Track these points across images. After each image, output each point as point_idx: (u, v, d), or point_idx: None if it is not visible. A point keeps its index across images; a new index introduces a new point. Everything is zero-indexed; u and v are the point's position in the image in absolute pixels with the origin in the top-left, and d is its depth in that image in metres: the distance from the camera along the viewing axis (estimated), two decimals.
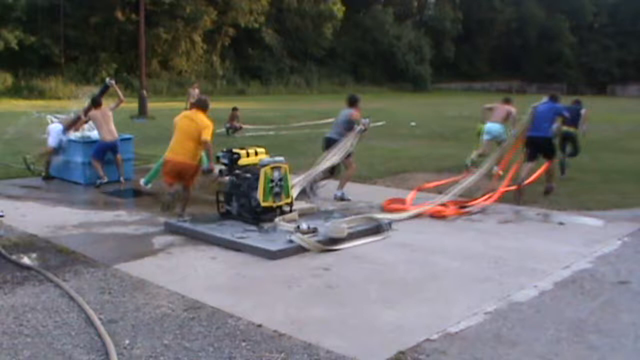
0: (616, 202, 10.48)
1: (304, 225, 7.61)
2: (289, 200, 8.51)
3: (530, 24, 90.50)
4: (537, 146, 10.99)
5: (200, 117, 8.68)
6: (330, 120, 27.49)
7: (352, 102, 11.65)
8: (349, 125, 11.06)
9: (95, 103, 12.04)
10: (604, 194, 11.30)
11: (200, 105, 9.00)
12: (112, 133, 11.80)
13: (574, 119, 13.24)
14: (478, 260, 7.01)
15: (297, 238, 7.30)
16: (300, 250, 7.21)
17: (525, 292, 5.99)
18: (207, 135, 8.49)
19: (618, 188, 11.98)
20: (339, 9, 66.86)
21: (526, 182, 10.73)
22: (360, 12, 75.26)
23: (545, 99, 11.79)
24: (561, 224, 8.89)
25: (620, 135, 23.60)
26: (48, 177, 12.03)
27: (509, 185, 10.70)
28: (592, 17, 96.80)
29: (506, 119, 13.57)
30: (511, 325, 5.17)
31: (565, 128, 13.29)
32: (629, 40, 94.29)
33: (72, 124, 12.15)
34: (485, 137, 13.68)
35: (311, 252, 7.20)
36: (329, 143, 10.96)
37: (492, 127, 13.57)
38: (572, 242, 7.81)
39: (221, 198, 8.68)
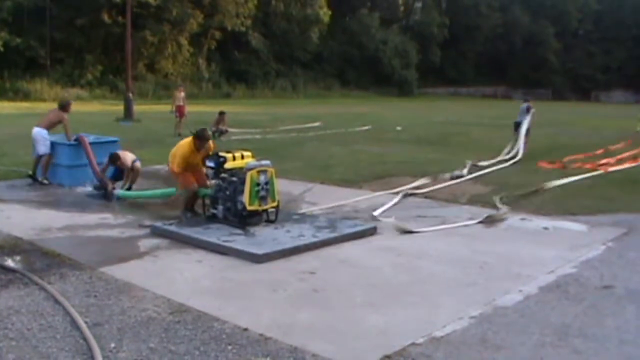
0: (600, 207, 10.55)
1: None
2: (275, 204, 8.51)
3: (516, 30, 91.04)
4: None
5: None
6: (316, 124, 27.78)
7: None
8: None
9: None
10: (588, 199, 11.37)
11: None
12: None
13: None
14: (463, 265, 7.03)
15: None
16: (286, 253, 7.21)
17: (511, 296, 6.02)
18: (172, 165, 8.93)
19: (603, 193, 12.05)
20: (325, 13, 66.97)
21: None
22: (346, 16, 75.46)
23: None
24: (546, 229, 8.94)
25: (604, 141, 23.74)
26: (36, 179, 11.95)
27: None
28: (577, 23, 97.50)
29: None
30: (496, 329, 5.19)
31: None
32: (613, 47, 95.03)
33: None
34: None
35: (296, 255, 7.21)
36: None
37: None
38: (557, 247, 7.85)
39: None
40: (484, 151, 18.23)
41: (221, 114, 21.64)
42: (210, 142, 9.16)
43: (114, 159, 10.83)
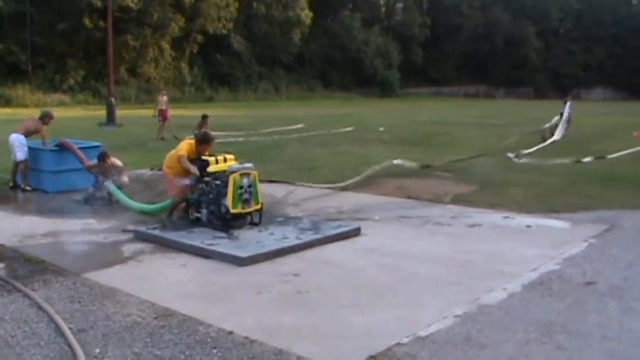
0: (583, 205, 10.61)
1: None
2: (258, 207, 8.50)
3: (497, 30, 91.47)
4: None
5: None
6: (299, 126, 27.77)
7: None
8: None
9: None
10: (571, 197, 11.43)
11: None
12: None
13: None
14: (447, 264, 7.05)
15: None
16: (270, 256, 7.21)
17: (495, 295, 6.04)
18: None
19: (584, 191, 12.12)
20: (307, 15, 66.99)
21: None
22: (328, 18, 75.57)
23: None
24: (529, 227, 8.99)
25: (586, 139, 23.90)
26: (18, 186, 11.89)
27: None
28: (558, 22, 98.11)
29: None
30: (481, 328, 5.21)
31: None
32: (593, 46, 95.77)
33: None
34: None
35: (281, 258, 7.21)
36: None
37: None
38: (540, 245, 7.89)
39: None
40: (468, 151, 18.31)
41: (204, 117, 21.56)
42: (213, 145, 9.13)
43: (104, 157, 10.79)
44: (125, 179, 10.83)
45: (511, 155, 17.26)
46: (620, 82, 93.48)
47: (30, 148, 11.96)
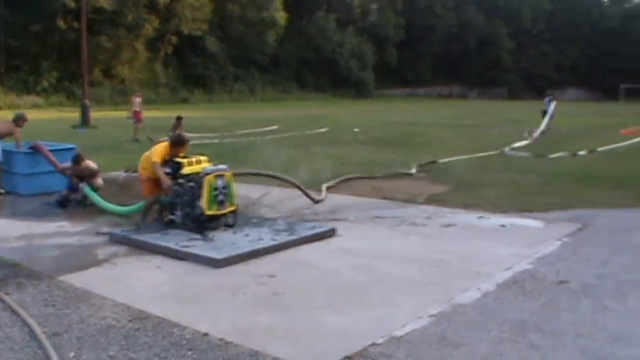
0: (557, 204, 10.69)
1: None
2: (233, 208, 8.48)
3: (470, 30, 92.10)
4: None
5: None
6: (274, 127, 27.75)
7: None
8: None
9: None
10: (545, 196, 11.53)
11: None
12: None
13: None
14: (422, 264, 7.08)
15: None
16: (245, 257, 7.19)
17: (469, 294, 6.07)
18: None
19: (559, 190, 12.23)
20: (281, 16, 66.94)
21: None
22: (303, 19, 75.55)
23: None
24: (503, 226, 9.05)
25: (559, 138, 24.11)
26: None
27: None
28: (530, 23, 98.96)
29: None
30: (455, 327, 5.24)
31: None
32: (566, 46, 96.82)
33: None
34: None
35: (255, 259, 7.20)
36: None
37: None
38: (514, 244, 7.94)
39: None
40: (442, 151, 18.42)
41: (178, 119, 21.48)
42: (188, 146, 9.07)
43: (78, 160, 10.69)
44: (99, 181, 10.75)
45: (506, 149, 18.95)
46: (593, 82, 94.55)
47: (3, 150, 11.84)
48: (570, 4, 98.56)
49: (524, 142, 21.83)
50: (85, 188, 10.29)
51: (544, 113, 27.97)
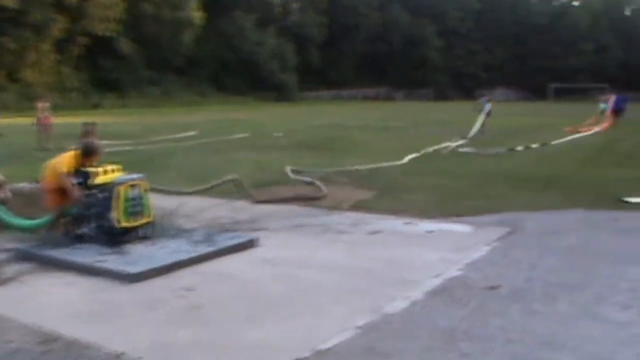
0: (486, 208, 10.95)
1: None
2: (149, 219, 8.39)
3: (395, 29, 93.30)
4: None
5: None
6: (192, 133, 27.55)
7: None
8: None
9: None
10: (474, 199, 11.79)
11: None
12: None
13: None
14: (348, 273, 7.15)
15: None
16: (162, 271, 7.13)
17: (397, 303, 6.16)
18: None
19: (487, 193, 12.52)
20: (198, 16, 66.45)
21: None
22: (220, 18, 75.15)
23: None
24: (431, 232, 9.21)
25: (488, 139, 24.66)
26: None
27: None
28: (458, 22, 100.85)
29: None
30: (383, 337, 5.31)
31: None
32: (494, 45, 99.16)
33: None
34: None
35: (174, 272, 7.15)
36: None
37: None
38: (442, 250, 8.09)
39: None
40: (368, 154, 18.63)
41: (87, 125, 21.07)
42: (100, 155, 8.90)
43: None
44: (7, 193, 10.47)
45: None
46: (522, 82, 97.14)
47: None
48: (499, 2, 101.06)
49: (453, 144, 22.34)
50: None
51: (480, 113, 29.64)
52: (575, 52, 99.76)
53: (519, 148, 19.28)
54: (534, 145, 20.49)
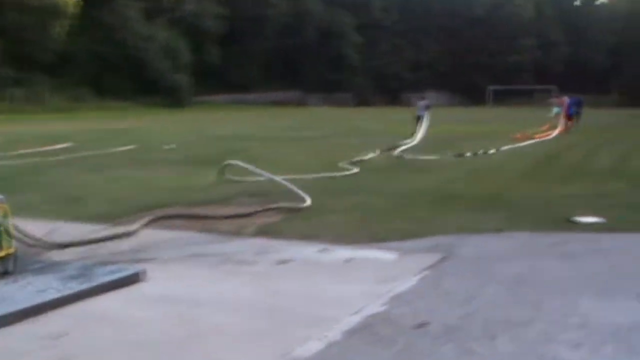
0: (413, 230, 11.06)
1: None
2: (10, 251, 8.19)
3: (309, 22, 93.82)
4: None
5: None
6: (65, 145, 27.09)
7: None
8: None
9: None
10: (400, 221, 11.90)
11: None
12: None
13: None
14: (253, 311, 7.11)
15: None
16: (26, 314, 6.95)
17: (310, 345, 6.15)
18: None
19: (417, 213, 12.68)
20: (70, 2, 65.32)
21: None
22: (98, 6, 74.09)
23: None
24: (349, 260, 9.24)
25: (419, 151, 25.01)
26: None
27: None
28: (381, 13, 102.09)
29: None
30: None
31: None
32: (423, 40, 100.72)
33: None
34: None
35: (40, 316, 6.98)
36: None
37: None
38: (364, 282, 8.13)
39: None
40: (277, 170, 18.61)
41: None
42: None
43: None
44: None
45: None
46: (456, 83, 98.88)
47: None
48: None
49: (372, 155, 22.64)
50: None
51: (419, 118, 32.13)
52: (516, 49, 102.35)
53: (450, 154, 19.42)
54: (468, 154, 20.78)
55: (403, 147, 25.50)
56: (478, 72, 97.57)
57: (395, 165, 21.23)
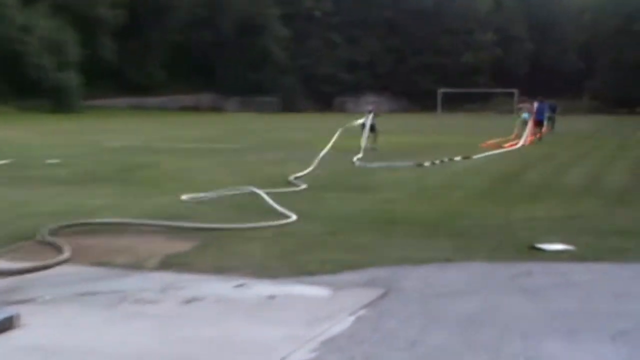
0: (349, 261, 11.06)
1: None
2: None
3: (225, 12, 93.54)
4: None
5: None
6: None
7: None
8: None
9: None
10: (330, 250, 11.92)
11: None
12: None
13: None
14: None
15: None
16: None
17: None
18: None
19: (352, 241, 12.71)
20: None
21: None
22: None
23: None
24: (272, 297, 9.21)
25: (350, 168, 25.13)
26: None
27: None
28: (312, 1, 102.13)
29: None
30: None
31: None
32: (362, 35, 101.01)
33: None
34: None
35: None
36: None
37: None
38: (289, 323, 8.10)
39: None
40: (185, 189, 18.54)
41: None
42: None
43: None
44: None
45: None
46: (400, 86, 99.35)
47: None
48: None
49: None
50: None
51: (364, 126, 34.15)
52: (472, 46, 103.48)
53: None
54: (409, 163, 20.87)
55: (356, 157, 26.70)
56: (426, 74, 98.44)
57: (333, 182, 21.26)
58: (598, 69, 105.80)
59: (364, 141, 31.64)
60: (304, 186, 19.60)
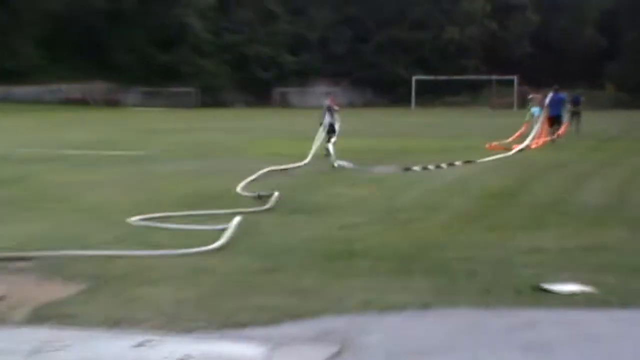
0: (292, 308, 11.02)
1: None
2: None
3: None
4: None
5: None
6: None
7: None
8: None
9: None
10: (267, 293, 11.86)
11: None
12: None
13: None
14: None
15: None
16: None
17: None
18: None
19: (297, 280, 12.66)
20: None
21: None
22: None
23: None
24: (187, 358, 9.15)
25: (298, 182, 25.18)
26: None
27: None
28: None
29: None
30: None
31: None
32: (309, 4, 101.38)
33: None
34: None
35: None
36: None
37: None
38: None
39: None
40: (72, 210, 18.45)
41: None
42: None
43: None
44: None
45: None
46: (359, 71, 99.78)
47: None
48: None
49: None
50: None
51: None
52: (457, 18, 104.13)
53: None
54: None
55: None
56: (397, 55, 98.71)
57: (278, 204, 21.12)
58: (624, 48, 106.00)
59: (315, 145, 32.05)
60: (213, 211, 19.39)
